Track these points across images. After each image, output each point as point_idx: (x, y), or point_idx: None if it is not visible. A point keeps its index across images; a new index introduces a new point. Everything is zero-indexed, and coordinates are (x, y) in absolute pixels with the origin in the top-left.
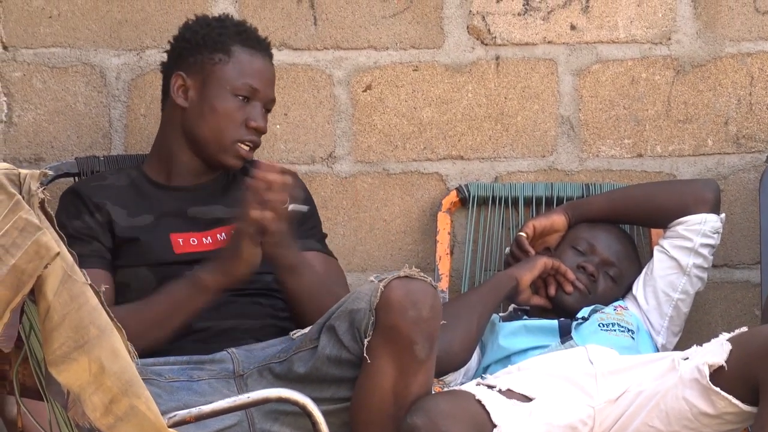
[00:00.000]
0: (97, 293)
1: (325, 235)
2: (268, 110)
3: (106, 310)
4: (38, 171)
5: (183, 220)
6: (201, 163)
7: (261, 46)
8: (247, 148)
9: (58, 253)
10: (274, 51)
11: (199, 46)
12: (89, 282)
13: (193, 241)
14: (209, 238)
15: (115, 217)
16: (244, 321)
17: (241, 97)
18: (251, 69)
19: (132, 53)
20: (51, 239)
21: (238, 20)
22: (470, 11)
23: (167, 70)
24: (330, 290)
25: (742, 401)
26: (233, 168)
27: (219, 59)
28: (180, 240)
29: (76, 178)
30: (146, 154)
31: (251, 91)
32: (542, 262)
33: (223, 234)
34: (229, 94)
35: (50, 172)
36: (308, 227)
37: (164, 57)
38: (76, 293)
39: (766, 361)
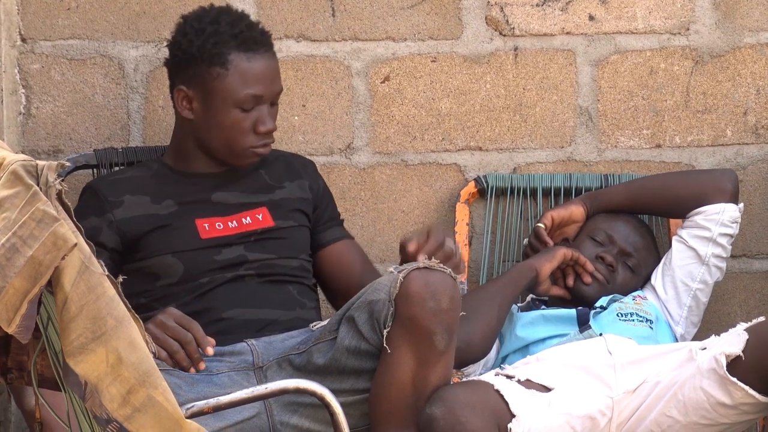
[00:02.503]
0: (114, 284)
1: (343, 219)
2: (275, 102)
3: (123, 301)
4: (56, 162)
5: (207, 205)
6: (215, 152)
7: (259, 45)
8: (262, 146)
9: (75, 245)
10: (292, 43)
11: (196, 58)
12: (107, 273)
13: (219, 226)
14: (234, 222)
15: (135, 209)
16: (274, 311)
17: (246, 107)
18: (252, 76)
19: (150, 45)
20: (68, 230)
21: (233, 17)
22: (488, 2)
23: (170, 78)
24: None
25: (759, 392)
26: (250, 165)
27: (217, 73)
28: (206, 225)
29: (95, 170)
30: (165, 146)
31: (255, 99)
32: (561, 253)
33: (248, 218)
34: (232, 108)
35: (68, 164)
36: (330, 216)
37: None
38: (94, 284)
39: None
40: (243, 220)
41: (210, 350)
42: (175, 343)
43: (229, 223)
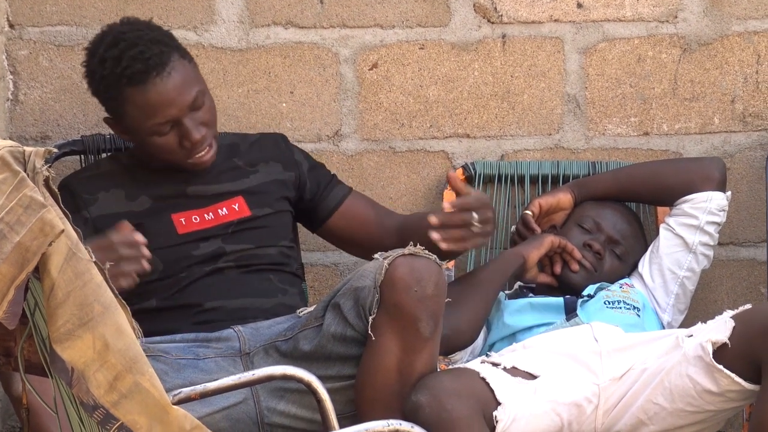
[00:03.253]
0: (101, 270)
1: (335, 175)
2: (197, 108)
3: (110, 288)
4: (43, 149)
5: (182, 199)
6: None
7: (147, 74)
8: (201, 155)
9: (62, 231)
10: (280, 29)
11: (100, 97)
12: (94, 259)
13: (195, 219)
14: (211, 214)
15: (110, 206)
16: (255, 300)
17: (163, 132)
18: (150, 107)
19: None
20: (56, 217)
21: (119, 51)
22: None
23: None
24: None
25: (745, 379)
26: (205, 168)
27: (121, 112)
28: (182, 219)
29: (82, 157)
30: None
31: (164, 124)
32: (549, 240)
33: (224, 209)
34: (148, 137)
35: (55, 150)
36: (325, 182)
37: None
38: (81, 270)
39: None
40: (219, 211)
41: (145, 251)
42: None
43: (206, 215)
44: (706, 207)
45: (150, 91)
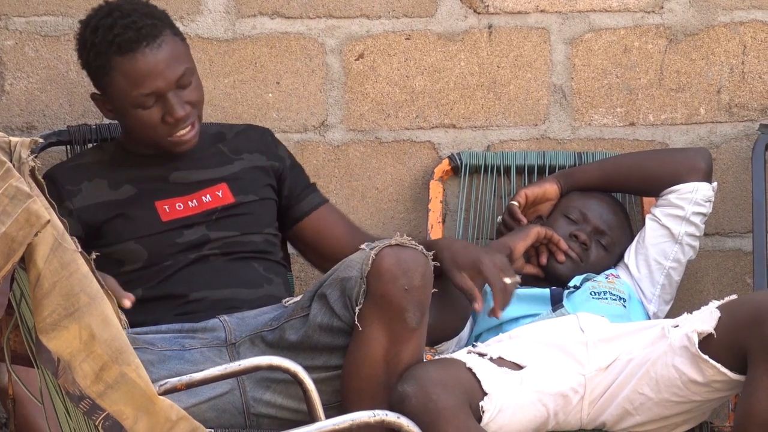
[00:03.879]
0: (87, 261)
1: (314, 183)
2: (183, 86)
3: (96, 278)
4: (29, 139)
5: (166, 186)
6: None
7: (137, 43)
8: (183, 134)
9: (48, 221)
10: (266, 20)
11: (89, 68)
12: (80, 249)
13: (179, 206)
14: (195, 201)
15: (94, 196)
16: (241, 290)
17: (146, 105)
18: (137, 77)
19: None
20: (41, 207)
21: (112, 20)
22: None
23: None
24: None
25: (731, 369)
26: (186, 150)
27: (107, 83)
28: (166, 207)
29: (68, 147)
30: None
31: (149, 96)
32: (535, 231)
33: (208, 195)
34: (132, 109)
35: (41, 140)
36: (303, 186)
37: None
38: (67, 261)
39: (754, 329)
40: (203, 198)
41: (127, 303)
42: None
43: (189, 202)
44: (692, 198)
45: (139, 60)
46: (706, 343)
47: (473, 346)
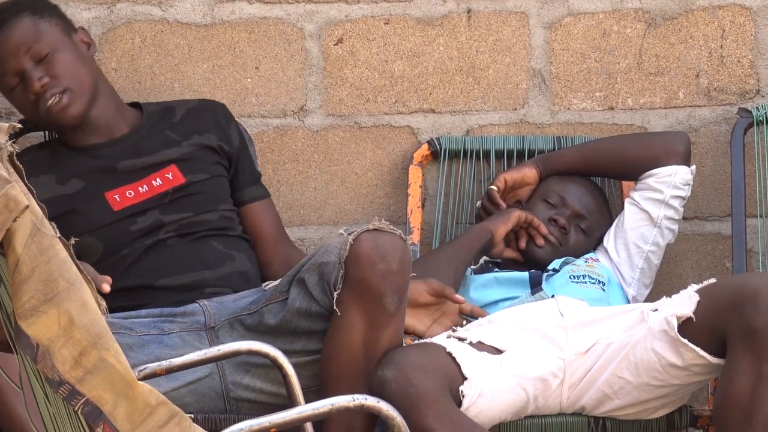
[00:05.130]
0: (66, 246)
1: (260, 174)
2: (40, 60)
3: (75, 263)
4: (7, 124)
5: (114, 175)
6: (97, 120)
7: None
8: (52, 102)
9: (27, 207)
10: (245, 5)
11: None
12: (58, 235)
13: (130, 194)
14: (145, 186)
15: (41, 193)
16: (204, 272)
17: (12, 85)
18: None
19: (103, 7)
20: (20, 192)
21: None
22: None
23: None
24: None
25: (710, 353)
26: (73, 123)
27: None
28: (116, 196)
29: (46, 132)
30: None
31: (10, 75)
32: (516, 215)
33: (158, 179)
34: (8, 95)
35: (19, 126)
36: (248, 174)
37: (136, 10)
38: (46, 246)
39: (733, 313)
40: (153, 182)
41: (106, 287)
42: None
43: (140, 188)
44: (671, 181)
45: None
46: (685, 327)
47: (453, 330)
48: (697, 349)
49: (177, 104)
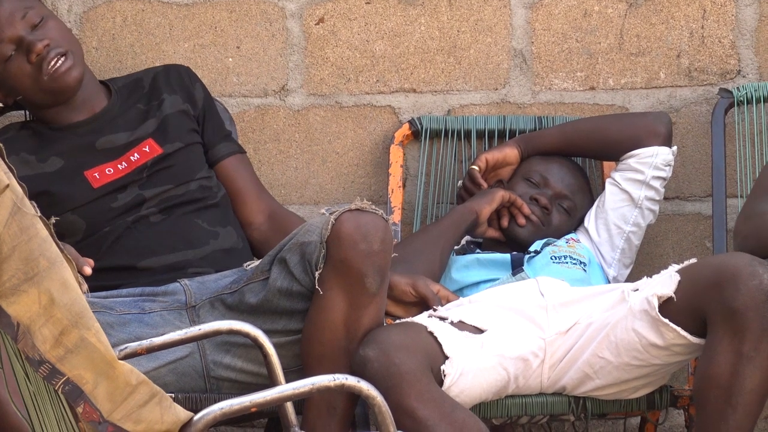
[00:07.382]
0: (47, 225)
1: (230, 132)
2: (35, 25)
3: (55, 242)
4: None
5: (93, 153)
6: (82, 93)
7: None
8: (55, 66)
9: (7, 186)
10: None
11: None
12: (39, 214)
13: (109, 171)
14: (124, 163)
15: (22, 171)
16: (188, 252)
17: (7, 54)
18: None
19: None
20: (0, 171)
21: None
22: None
23: None
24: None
25: (691, 333)
26: (74, 88)
27: None
28: (96, 174)
29: (27, 112)
30: None
31: (6, 43)
32: (500, 195)
33: (136, 154)
34: (4, 68)
35: (0, 105)
36: (218, 133)
37: None
38: (26, 225)
39: (714, 293)
40: (131, 158)
41: (87, 269)
42: None
43: (119, 165)
44: (652, 162)
45: None
46: (666, 307)
47: (434, 310)
48: (678, 328)
49: (143, 74)
